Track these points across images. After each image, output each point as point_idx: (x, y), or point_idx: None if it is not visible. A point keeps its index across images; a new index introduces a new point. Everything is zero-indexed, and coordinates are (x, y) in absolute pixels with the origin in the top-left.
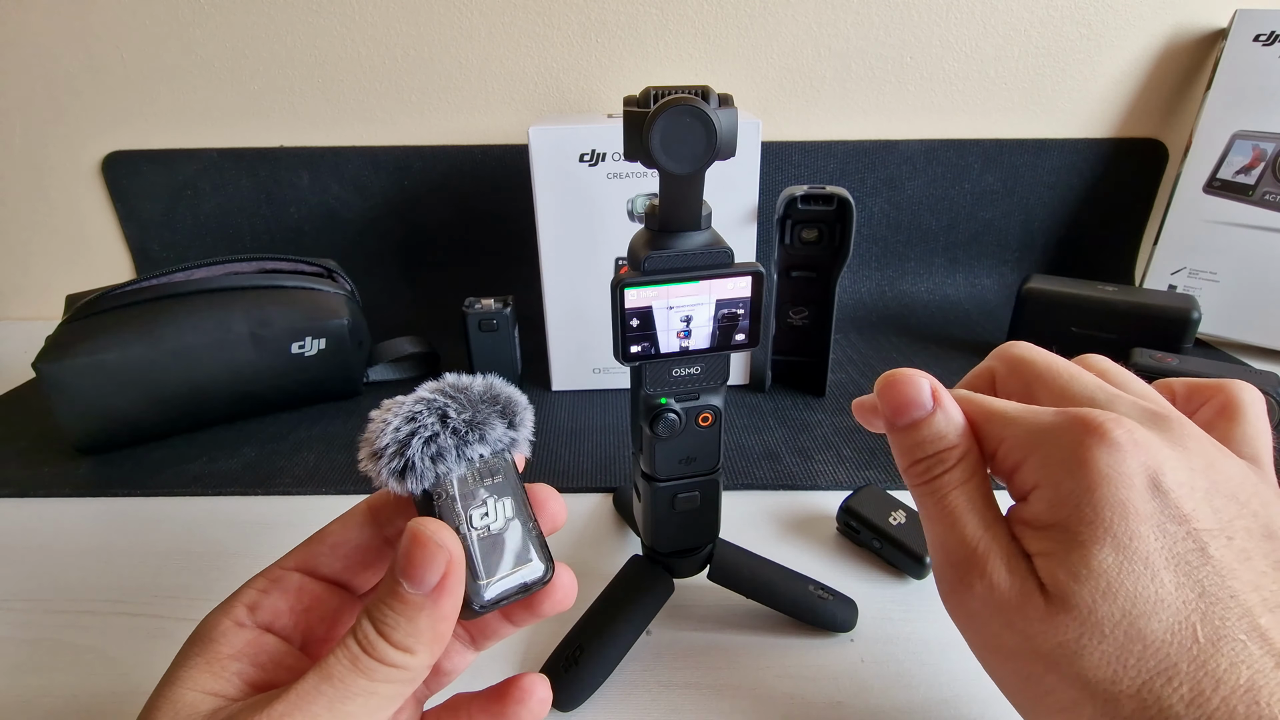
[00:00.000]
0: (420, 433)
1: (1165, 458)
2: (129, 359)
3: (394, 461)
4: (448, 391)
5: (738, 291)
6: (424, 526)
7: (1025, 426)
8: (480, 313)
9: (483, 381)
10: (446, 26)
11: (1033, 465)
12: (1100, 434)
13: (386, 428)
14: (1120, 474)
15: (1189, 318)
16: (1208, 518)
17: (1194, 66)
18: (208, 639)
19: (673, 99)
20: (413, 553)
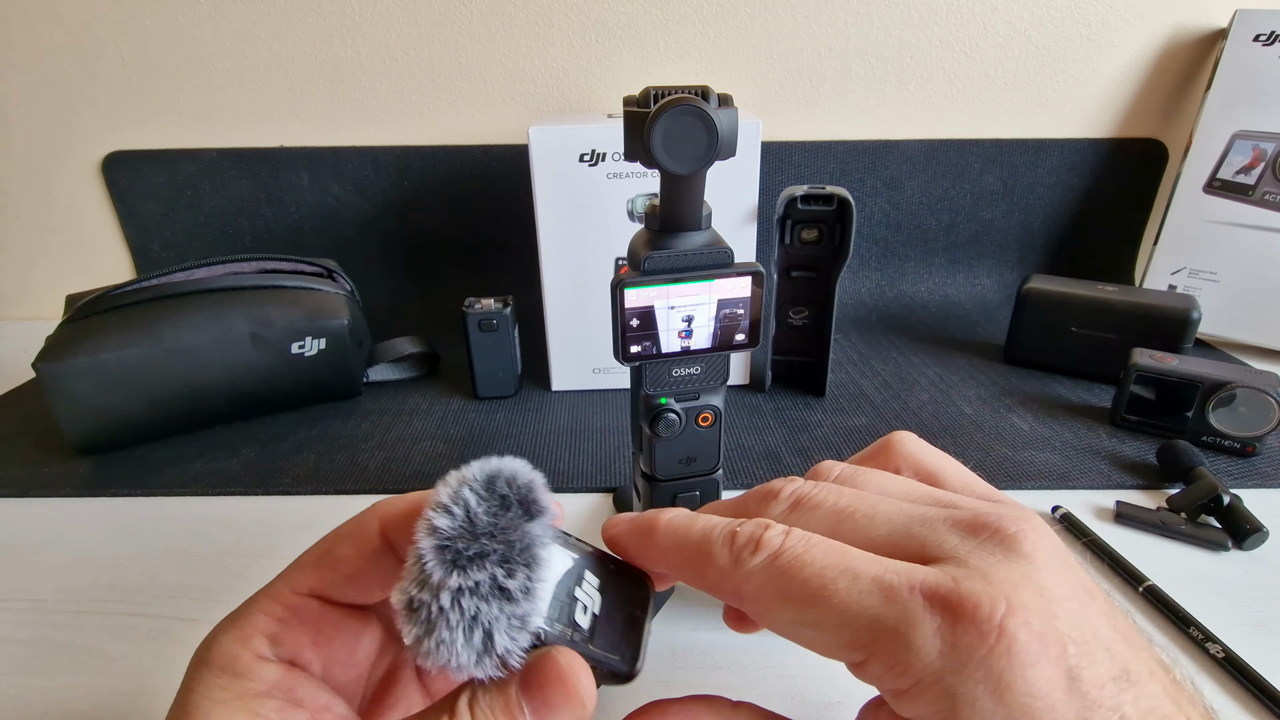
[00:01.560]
0: (497, 626)
1: (1066, 627)
2: (129, 359)
3: (484, 663)
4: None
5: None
6: (568, 662)
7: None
8: (480, 313)
9: (473, 495)
10: (446, 26)
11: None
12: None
13: (454, 646)
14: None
15: (1189, 318)
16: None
17: (1194, 66)
18: (231, 672)
19: (673, 99)
20: (552, 689)
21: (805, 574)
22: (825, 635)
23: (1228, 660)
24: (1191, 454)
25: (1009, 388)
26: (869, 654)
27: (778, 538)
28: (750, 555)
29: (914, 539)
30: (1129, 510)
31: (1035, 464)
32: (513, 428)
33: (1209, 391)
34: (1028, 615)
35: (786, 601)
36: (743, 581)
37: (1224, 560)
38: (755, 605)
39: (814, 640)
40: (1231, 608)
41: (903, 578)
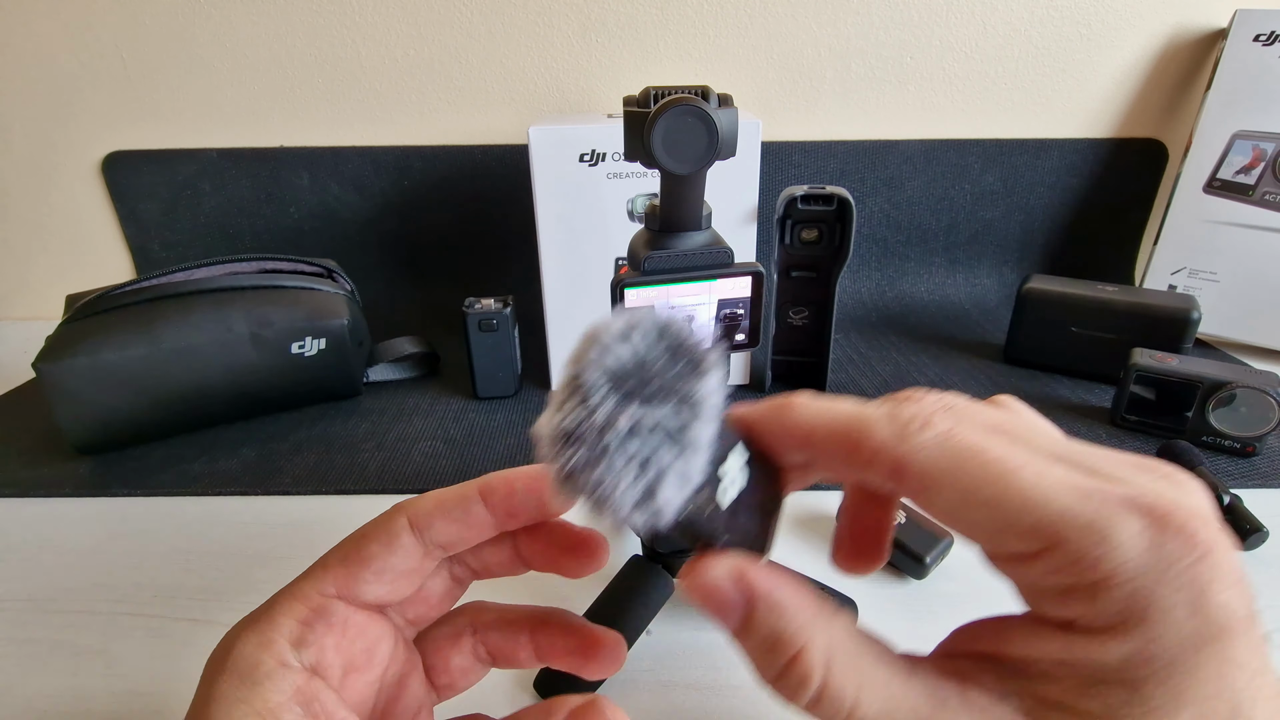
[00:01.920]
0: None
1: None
2: (129, 359)
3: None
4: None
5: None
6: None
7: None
8: (480, 313)
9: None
10: (446, 26)
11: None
12: (1213, 559)
13: (619, 484)
14: (1238, 622)
15: (1189, 318)
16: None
17: (1194, 66)
18: (250, 680)
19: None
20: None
21: (987, 455)
22: (1001, 516)
23: None
24: (1191, 454)
25: (1009, 388)
26: (1050, 544)
27: (948, 421)
28: (919, 430)
29: (1084, 461)
30: None
31: None
32: (513, 428)
33: (1209, 391)
34: (1227, 542)
35: (960, 477)
36: (909, 455)
37: None
38: (920, 480)
39: (982, 522)
40: None
41: (1096, 483)
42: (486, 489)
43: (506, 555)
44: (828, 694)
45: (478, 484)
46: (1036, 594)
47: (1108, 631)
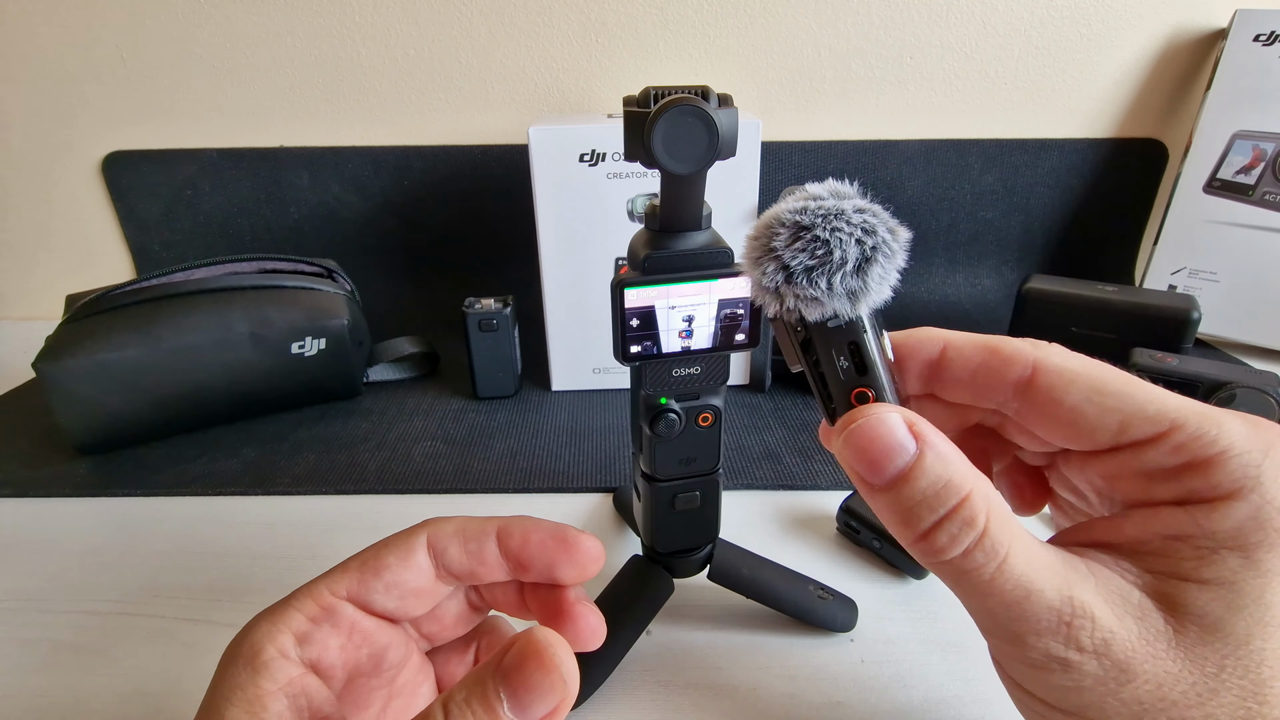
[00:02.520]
0: (883, 249)
1: None
2: (129, 359)
3: (851, 280)
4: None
5: (738, 291)
6: (545, 639)
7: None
8: (480, 313)
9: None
10: (446, 26)
11: (1237, 467)
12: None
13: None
14: None
15: (1189, 318)
16: None
17: (1194, 66)
18: (252, 666)
19: (674, 99)
20: (529, 669)
21: (1108, 368)
22: (1127, 405)
23: None
24: None
25: None
26: (1173, 425)
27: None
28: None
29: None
30: None
31: None
32: (513, 428)
33: (1209, 391)
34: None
35: (1089, 377)
36: (1044, 357)
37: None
38: (1053, 378)
39: (1110, 411)
40: None
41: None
42: (504, 531)
43: (513, 598)
44: (986, 542)
45: (496, 524)
46: (1149, 479)
47: (1225, 499)
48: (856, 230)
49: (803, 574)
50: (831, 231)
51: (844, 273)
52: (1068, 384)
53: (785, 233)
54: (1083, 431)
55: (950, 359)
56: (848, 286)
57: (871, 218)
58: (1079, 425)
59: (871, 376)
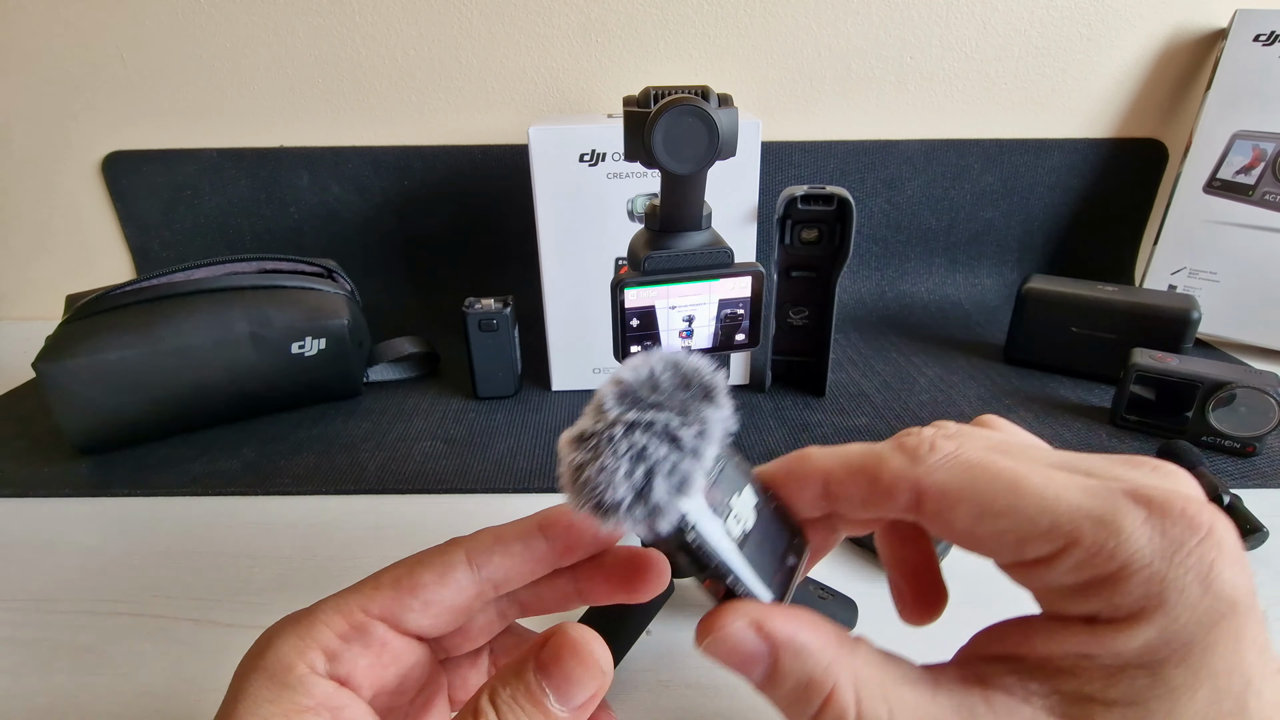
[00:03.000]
0: (659, 469)
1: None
2: (129, 359)
3: (636, 509)
4: (644, 400)
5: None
6: (579, 634)
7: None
8: (480, 313)
9: (662, 365)
10: (446, 26)
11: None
12: (1215, 539)
13: (615, 475)
14: (1245, 597)
15: (1189, 318)
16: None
17: (1194, 66)
18: (282, 683)
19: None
20: (567, 662)
21: (995, 468)
22: (1019, 524)
23: None
24: (1191, 454)
25: (1009, 388)
26: (1068, 541)
27: (951, 443)
28: (928, 451)
29: (1080, 466)
30: None
31: None
32: (513, 428)
33: (1209, 391)
34: (1227, 523)
35: (975, 492)
36: (925, 475)
37: None
38: (936, 500)
39: (1003, 534)
40: None
41: (1101, 479)
42: (546, 523)
43: (562, 590)
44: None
45: (536, 519)
46: (1057, 595)
47: (1128, 620)
48: (623, 462)
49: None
50: (599, 471)
51: (622, 508)
52: (953, 507)
53: (566, 472)
54: (983, 550)
55: (834, 493)
56: (635, 516)
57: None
58: (976, 546)
59: (714, 570)
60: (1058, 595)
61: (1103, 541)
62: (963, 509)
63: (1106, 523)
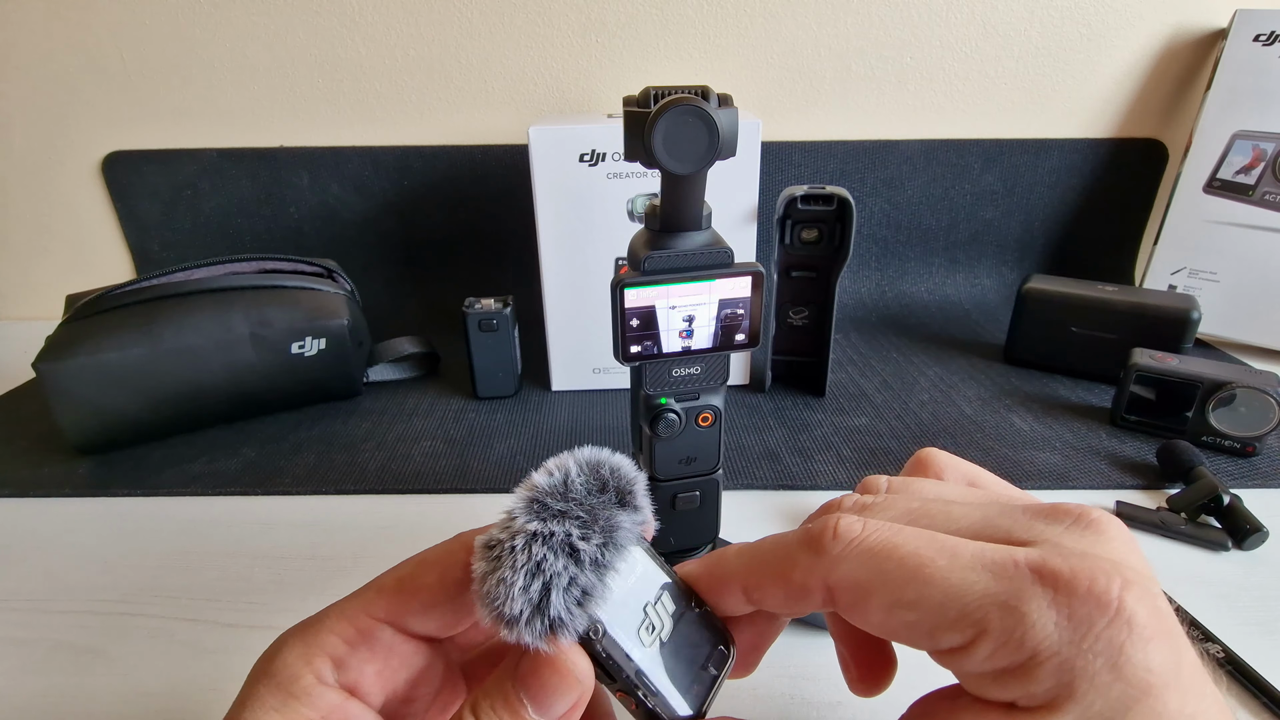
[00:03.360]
0: (556, 583)
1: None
2: (129, 359)
3: (535, 624)
4: (552, 507)
5: (738, 291)
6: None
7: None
8: (480, 313)
9: (577, 466)
10: (446, 26)
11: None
12: (1123, 618)
13: (512, 590)
14: (1157, 663)
15: (1189, 318)
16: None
17: (1194, 66)
18: (287, 692)
19: (674, 99)
20: (545, 675)
21: (900, 553)
22: (928, 615)
23: (1228, 660)
24: (1191, 454)
25: (1009, 388)
26: (977, 631)
27: (856, 524)
28: (832, 541)
29: (997, 528)
30: (1129, 510)
31: (1035, 464)
32: (513, 428)
33: (1209, 391)
34: (1141, 592)
35: (883, 583)
36: (830, 570)
37: (1224, 560)
38: (848, 595)
39: (915, 625)
40: (1231, 608)
41: (1005, 554)
42: None
43: None
44: None
45: None
46: (978, 681)
47: (1044, 709)
48: (520, 575)
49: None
50: (498, 584)
51: (521, 621)
52: (865, 601)
53: (474, 580)
54: (901, 640)
55: (757, 599)
56: (535, 629)
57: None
58: (894, 636)
59: (625, 682)
60: (977, 681)
61: (1010, 629)
62: (874, 602)
63: (1012, 609)
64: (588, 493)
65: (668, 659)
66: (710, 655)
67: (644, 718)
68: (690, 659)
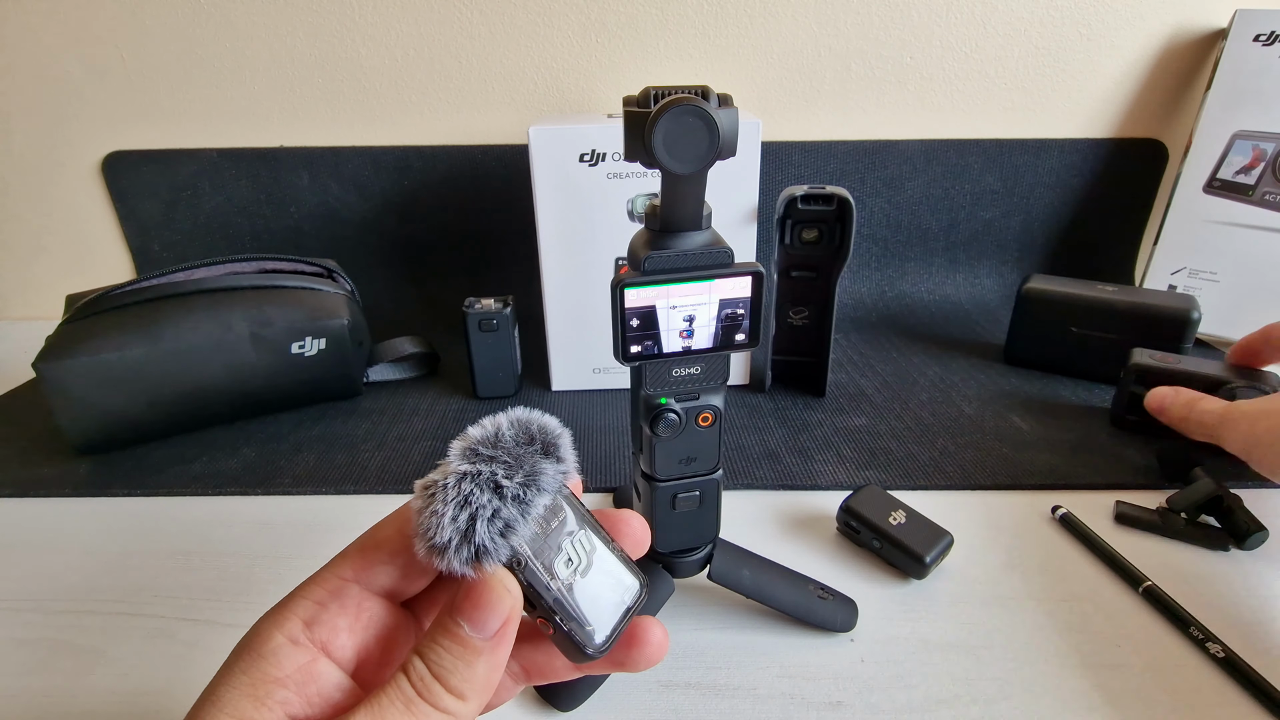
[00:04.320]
0: (481, 514)
1: None
2: (129, 359)
3: (463, 551)
4: (482, 453)
5: (738, 291)
6: (483, 574)
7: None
8: (480, 313)
9: (509, 422)
10: (446, 26)
11: None
12: None
13: (442, 520)
14: None
15: (1189, 318)
16: None
17: (1194, 66)
18: (257, 654)
19: (675, 99)
20: (478, 596)
21: None
22: None
23: (1228, 660)
24: (1191, 454)
25: (1009, 388)
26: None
27: None
28: None
29: None
30: (1129, 510)
31: (1035, 464)
32: None
33: (1209, 391)
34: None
35: None
36: None
37: (1224, 560)
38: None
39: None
40: (1231, 608)
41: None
42: None
43: None
44: None
45: None
46: None
47: None
48: (449, 508)
49: (803, 574)
50: (430, 516)
51: (450, 549)
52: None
53: (411, 517)
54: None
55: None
56: (462, 556)
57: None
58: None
59: (545, 609)
60: None
61: None
62: None
63: None
64: (516, 444)
65: (584, 592)
66: (623, 591)
67: (560, 642)
68: (604, 594)
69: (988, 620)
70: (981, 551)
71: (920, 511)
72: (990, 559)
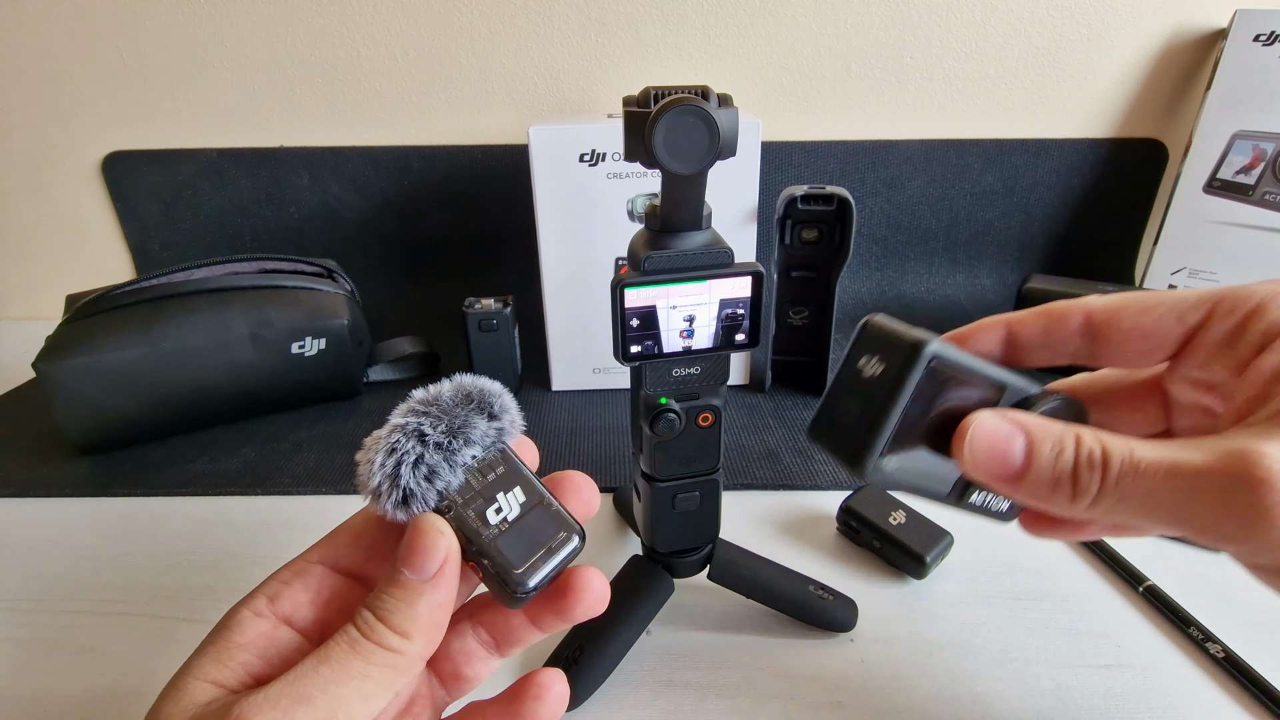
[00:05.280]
0: (405, 460)
1: None
2: (129, 359)
3: (392, 495)
4: (417, 410)
5: (738, 291)
6: (425, 518)
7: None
8: (480, 313)
9: (451, 385)
10: (446, 26)
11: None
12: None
13: (373, 467)
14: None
15: None
16: None
17: (1194, 66)
18: (224, 626)
19: (675, 99)
20: (414, 540)
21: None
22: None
23: (1228, 660)
24: None
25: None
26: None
27: None
28: None
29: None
30: None
31: None
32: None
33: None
34: None
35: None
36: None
37: (1224, 560)
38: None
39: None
40: (1231, 608)
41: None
42: None
43: None
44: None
45: None
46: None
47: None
48: (379, 455)
49: (803, 574)
50: (366, 464)
51: (382, 494)
52: (1119, 312)
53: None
54: (1152, 343)
55: (1016, 332)
56: (393, 499)
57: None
58: (1147, 339)
59: (474, 552)
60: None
61: (1238, 293)
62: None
63: (1234, 288)
64: (453, 404)
65: (515, 539)
66: (556, 540)
67: (491, 585)
68: (536, 541)
69: (988, 620)
70: (981, 551)
71: (920, 512)
72: (990, 559)
